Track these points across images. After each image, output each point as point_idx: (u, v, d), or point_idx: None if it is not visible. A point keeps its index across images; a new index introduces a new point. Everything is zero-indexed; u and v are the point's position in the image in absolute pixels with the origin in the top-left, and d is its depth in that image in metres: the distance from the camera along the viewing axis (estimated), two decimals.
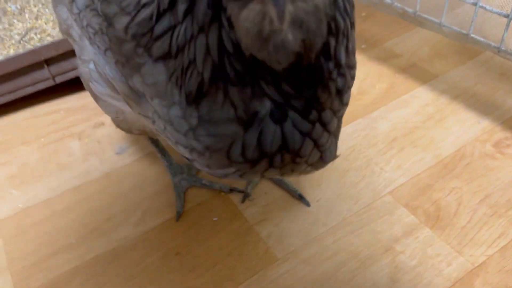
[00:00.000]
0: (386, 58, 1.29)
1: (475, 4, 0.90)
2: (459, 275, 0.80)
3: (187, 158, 0.63)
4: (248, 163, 0.56)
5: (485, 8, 0.89)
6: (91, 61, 0.73)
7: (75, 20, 0.72)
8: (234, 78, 0.49)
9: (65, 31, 0.82)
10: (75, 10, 0.69)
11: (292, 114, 0.52)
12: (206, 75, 0.49)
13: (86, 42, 0.72)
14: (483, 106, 1.11)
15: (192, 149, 0.58)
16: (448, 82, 1.19)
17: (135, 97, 0.62)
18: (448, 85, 1.18)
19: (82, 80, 0.81)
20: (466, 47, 1.27)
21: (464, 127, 1.07)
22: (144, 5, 0.54)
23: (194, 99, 0.52)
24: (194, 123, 0.55)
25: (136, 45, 0.56)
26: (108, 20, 0.60)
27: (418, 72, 1.23)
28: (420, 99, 1.15)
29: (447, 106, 1.12)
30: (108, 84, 0.71)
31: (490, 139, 1.03)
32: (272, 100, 0.51)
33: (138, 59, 0.57)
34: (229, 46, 0.47)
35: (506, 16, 0.87)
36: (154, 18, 0.52)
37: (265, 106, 0.51)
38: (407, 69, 1.24)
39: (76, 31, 0.76)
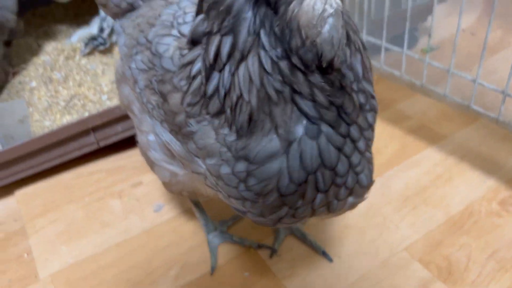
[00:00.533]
0: (397, 119, 1.41)
1: (474, 81, 1.02)
2: None
3: (239, 211, 0.71)
4: (297, 194, 0.64)
5: (483, 85, 1.01)
6: (150, 132, 0.86)
7: (137, 98, 0.86)
8: (275, 97, 0.59)
9: (127, 105, 0.96)
10: (137, 90, 0.83)
11: (324, 128, 0.61)
12: (253, 101, 0.60)
13: (146, 116, 0.85)
14: (488, 166, 1.21)
15: (244, 200, 0.67)
16: (455, 143, 1.30)
17: (189, 157, 0.74)
18: (455, 145, 1.29)
19: (139, 147, 0.94)
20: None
21: (471, 186, 1.17)
22: (194, 77, 0.66)
23: (246, 131, 0.62)
24: (243, 176, 0.65)
25: (186, 117, 0.69)
26: (163, 97, 0.74)
27: (427, 133, 1.35)
28: (430, 159, 1.26)
29: (455, 166, 1.23)
30: (165, 151, 0.84)
31: (496, 198, 1.13)
32: (307, 118, 0.60)
33: (188, 128, 0.69)
34: (268, 66, 0.58)
35: (502, 92, 0.99)
36: (203, 80, 0.63)
37: (302, 125, 0.60)
38: (417, 131, 1.36)
39: (136, 106, 0.90)
